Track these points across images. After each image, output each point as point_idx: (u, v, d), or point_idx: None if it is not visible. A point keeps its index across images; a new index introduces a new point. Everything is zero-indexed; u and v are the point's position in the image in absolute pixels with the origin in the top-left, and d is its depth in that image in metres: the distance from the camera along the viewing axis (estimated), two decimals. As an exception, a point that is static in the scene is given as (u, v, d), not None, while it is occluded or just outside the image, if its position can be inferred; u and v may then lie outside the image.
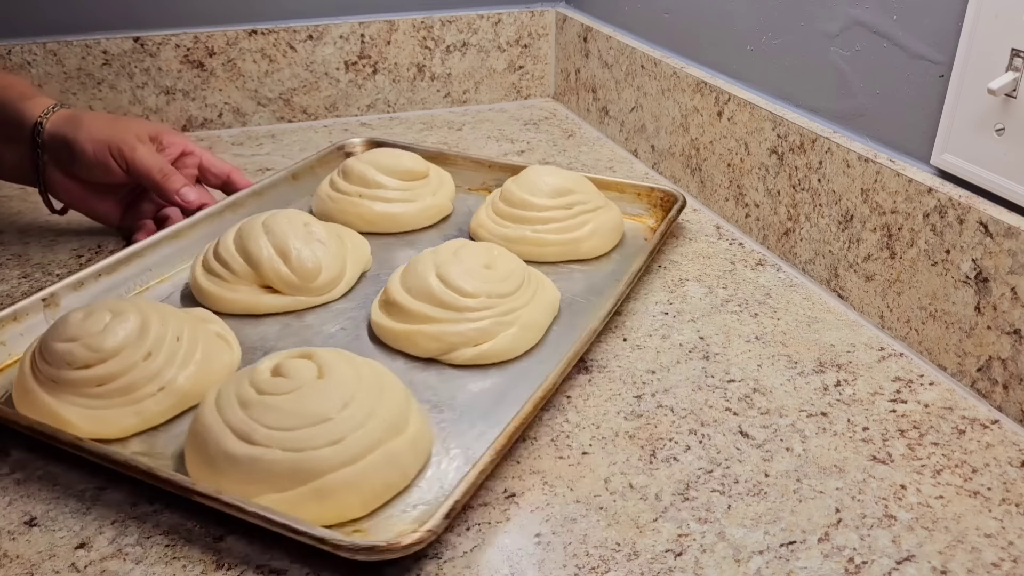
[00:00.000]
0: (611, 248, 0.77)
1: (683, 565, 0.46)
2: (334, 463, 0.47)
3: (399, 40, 1.12)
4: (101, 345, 0.55)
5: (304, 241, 0.68)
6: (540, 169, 0.78)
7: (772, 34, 0.79)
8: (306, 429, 0.48)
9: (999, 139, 0.58)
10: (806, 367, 0.62)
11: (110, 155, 0.71)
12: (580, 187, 0.77)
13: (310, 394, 0.49)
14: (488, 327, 0.61)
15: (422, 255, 0.66)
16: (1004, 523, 0.49)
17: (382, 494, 0.49)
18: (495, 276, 0.64)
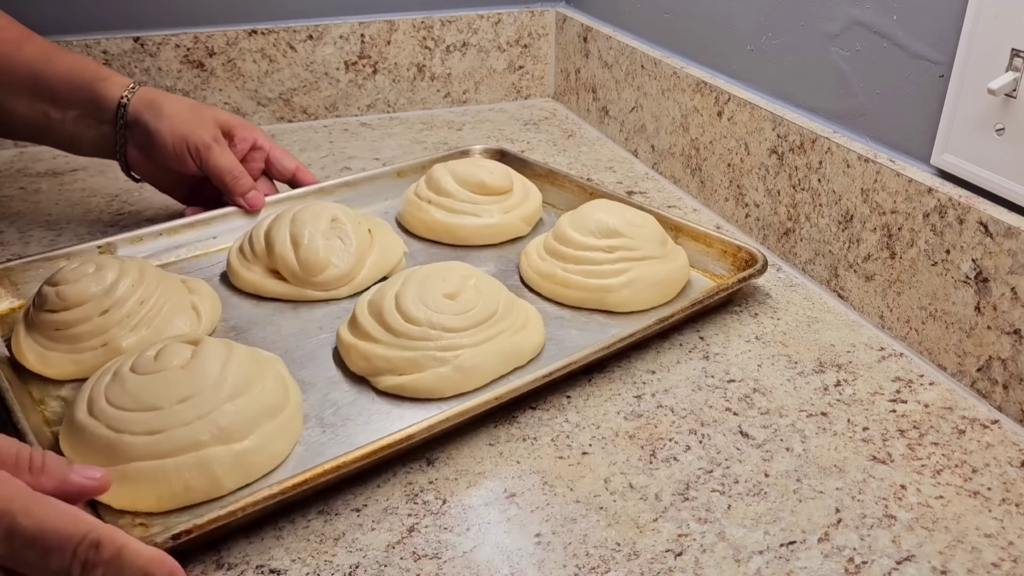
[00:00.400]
0: (651, 306, 0.67)
1: (683, 565, 0.46)
2: (142, 452, 0.48)
3: (399, 40, 1.12)
4: (67, 294, 0.60)
5: (322, 235, 0.68)
6: (602, 204, 0.72)
7: (772, 34, 0.79)
8: (134, 413, 0.49)
9: (999, 139, 0.58)
10: (806, 367, 0.62)
11: (187, 152, 0.75)
12: (635, 231, 0.68)
13: (159, 381, 0.51)
14: (417, 359, 0.57)
15: (409, 271, 0.63)
16: (1004, 523, 0.49)
17: (182, 496, 0.48)
18: (452, 308, 0.59)
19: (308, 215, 0.70)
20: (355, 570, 0.46)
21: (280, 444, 0.52)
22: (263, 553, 0.47)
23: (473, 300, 0.60)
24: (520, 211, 0.79)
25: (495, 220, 0.77)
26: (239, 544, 0.47)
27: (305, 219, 0.69)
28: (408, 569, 0.46)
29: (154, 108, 0.74)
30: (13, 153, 1.01)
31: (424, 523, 0.49)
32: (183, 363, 0.52)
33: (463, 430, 0.55)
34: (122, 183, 0.92)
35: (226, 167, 0.76)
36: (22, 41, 0.75)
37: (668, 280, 0.68)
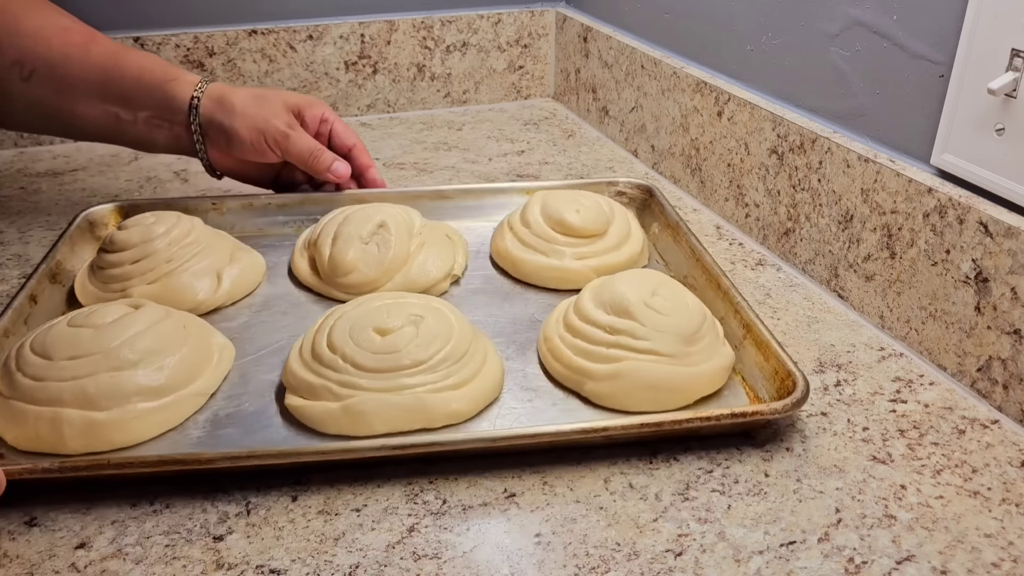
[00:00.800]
0: (640, 409, 0.55)
1: (683, 565, 0.46)
2: (21, 393, 0.53)
3: (399, 40, 1.12)
4: (118, 238, 0.68)
5: (360, 239, 0.68)
6: (645, 275, 0.62)
7: (772, 34, 0.79)
8: (35, 357, 0.54)
9: (999, 139, 0.58)
10: (806, 367, 0.62)
11: (265, 143, 0.76)
12: (654, 317, 0.57)
13: (71, 335, 0.55)
14: (316, 387, 0.54)
15: (376, 296, 0.62)
16: (1004, 523, 0.49)
17: (34, 442, 0.52)
18: (374, 344, 0.55)
19: (360, 216, 0.70)
20: (355, 570, 0.46)
21: (142, 425, 0.53)
22: (263, 553, 0.47)
23: (402, 343, 0.55)
24: (598, 260, 0.70)
25: (560, 264, 0.70)
26: (239, 544, 0.47)
27: (355, 220, 0.70)
28: (408, 569, 0.46)
29: (224, 106, 0.75)
30: (13, 153, 1.01)
31: (424, 523, 0.49)
32: (105, 323, 0.55)
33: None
34: (122, 183, 0.92)
35: (306, 149, 0.77)
36: (89, 43, 0.75)
37: (672, 386, 0.55)
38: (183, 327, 0.58)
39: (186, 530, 0.48)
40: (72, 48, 0.74)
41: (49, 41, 0.74)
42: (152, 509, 0.50)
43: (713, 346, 0.58)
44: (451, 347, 0.56)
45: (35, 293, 0.65)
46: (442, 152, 1.02)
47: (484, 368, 0.57)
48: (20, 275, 0.74)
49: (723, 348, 0.59)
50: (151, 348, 0.55)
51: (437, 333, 0.56)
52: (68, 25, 0.76)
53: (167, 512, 0.49)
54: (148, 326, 0.56)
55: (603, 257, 0.71)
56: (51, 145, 1.02)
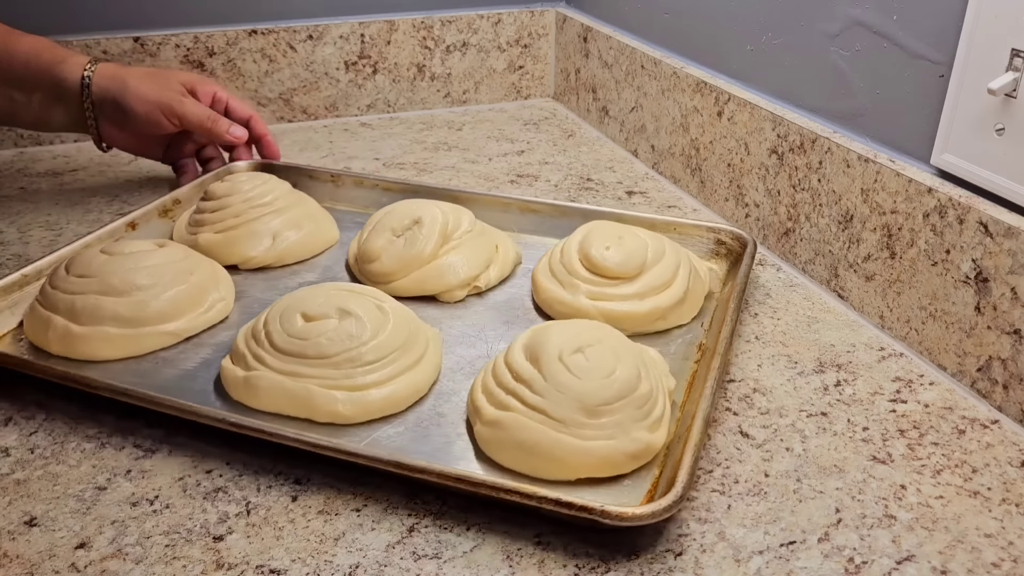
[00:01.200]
0: (512, 467, 0.51)
1: (683, 565, 0.46)
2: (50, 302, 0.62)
3: (399, 40, 1.12)
4: (213, 188, 0.76)
5: (393, 231, 0.70)
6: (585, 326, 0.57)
7: (772, 34, 0.79)
8: (69, 275, 0.63)
9: (999, 139, 0.58)
10: (806, 367, 0.62)
11: (161, 114, 0.79)
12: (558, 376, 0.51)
13: (98, 259, 0.64)
14: (240, 353, 0.57)
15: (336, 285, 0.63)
16: (1004, 523, 0.49)
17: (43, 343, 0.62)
18: (294, 327, 0.57)
19: (402, 210, 0.72)
20: (355, 570, 0.46)
21: (108, 346, 0.61)
22: (263, 553, 0.47)
23: (315, 333, 0.56)
24: (612, 305, 0.64)
25: (570, 299, 0.65)
26: (239, 544, 0.47)
27: (397, 212, 0.72)
28: (408, 569, 0.46)
29: (117, 81, 0.78)
30: (13, 153, 1.00)
31: (424, 523, 0.49)
32: (123, 254, 0.64)
33: (463, 430, 0.55)
34: (122, 182, 0.92)
35: (204, 114, 0.81)
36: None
37: (548, 454, 0.50)
38: (189, 272, 0.65)
39: (186, 530, 0.48)
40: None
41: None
42: (152, 509, 0.50)
43: (623, 426, 0.50)
44: (364, 349, 0.56)
45: (136, 221, 0.76)
46: (442, 152, 1.02)
47: (396, 380, 0.56)
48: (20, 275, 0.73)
49: (639, 432, 0.51)
50: (140, 284, 0.62)
51: (356, 333, 0.56)
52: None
53: (167, 512, 0.49)
54: (153, 264, 0.63)
55: (619, 303, 0.64)
56: (51, 145, 1.02)
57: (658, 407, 0.53)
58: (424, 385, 0.58)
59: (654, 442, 0.51)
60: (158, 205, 0.78)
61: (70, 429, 0.56)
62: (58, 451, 0.54)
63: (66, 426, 0.56)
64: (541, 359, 0.52)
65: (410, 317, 0.61)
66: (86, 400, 0.57)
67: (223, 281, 0.68)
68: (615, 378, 0.52)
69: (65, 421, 0.57)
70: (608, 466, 0.50)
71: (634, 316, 0.64)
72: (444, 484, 0.48)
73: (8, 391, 0.59)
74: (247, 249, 0.73)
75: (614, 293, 0.64)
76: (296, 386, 0.55)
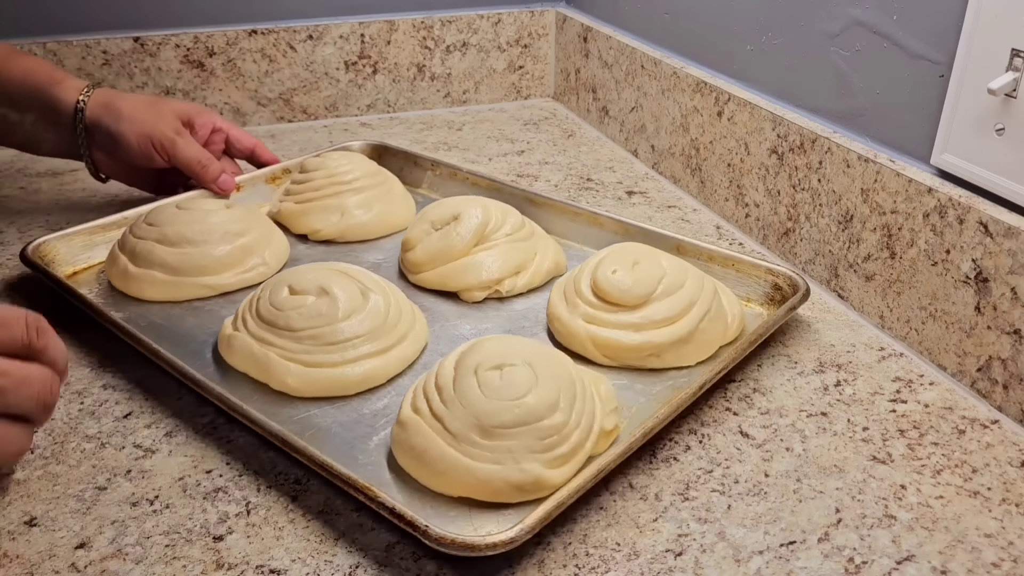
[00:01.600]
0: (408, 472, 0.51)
1: (683, 565, 0.46)
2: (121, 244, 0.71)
3: (399, 40, 1.12)
4: (307, 162, 0.82)
5: (433, 224, 0.71)
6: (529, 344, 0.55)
7: (772, 34, 0.79)
8: (140, 222, 0.72)
9: (999, 139, 0.58)
10: (806, 367, 0.62)
11: (153, 148, 0.78)
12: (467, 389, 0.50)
13: (169, 211, 0.72)
14: (237, 314, 0.62)
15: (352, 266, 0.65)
16: (1004, 523, 0.49)
17: (112, 278, 0.71)
18: (280, 299, 0.60)
19: (447, 205, 0.72)
20: (355, 570, 0.46)
21: (155, 290, 0.68)
22: (263, 553, 0.47)
23: (291, 306, 0.59)
24: (602, 331, 0.60)
25: (565, 317, 0.62)
26: (239, 544, 0.47)
27: (442, 206, 0.72)
28: (408, 569, 0.46)
29: (112, 110, 0.77)
30: (13, 153, 1.00)
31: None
32: (190, 210, 0.72)
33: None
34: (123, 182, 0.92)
35: (194, 157, 0.79)
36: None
37: (433, 465, 0.49)
38: (239, 235, 0.71)
39: (186, 530, 0.48)
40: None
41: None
42: (152, 509, 0.50)
43: (515, 454, 0.48)
44: (327, 329, 0.58)
45: (242, 184, 0.82)
46: (442, 152, 1.02)
47: (352, 365, 0.58)
48: (20, 275, 0.74)
49: (531, 464, 0.48)
50: (189, 238, 0.69)
51: (325, 312, 0.58)
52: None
53: (167, 512, 0.49)
54: (209, 222, 0.70)
55: (610, 330, 0.60)
56: (51, 145, 1.02)
57: (568, 443, 0.49)
58: (380, 376, 0.59)
59: (548, 478, 0.48)
60: (266, 172, 0.85)
61: (70, 429, 0.56)
62: (58, 451, 0.54)
63: (66, 426, 0.56)
64: (459, 369, 0.51)
65: (400, 309, 0.62)
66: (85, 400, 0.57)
67: (275, 247, 0.73)
68: (521, 403, 0.49)
69: (65, 421, 0.57)
70: (488, 491, 0.48)
71: (623, 347, 0.59)
72: (310, 466, 0.49)
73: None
74: (315, 222, 0.78)
75: (609, 319, 0.60)
76: (259, 352, 0.58)
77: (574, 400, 0.51)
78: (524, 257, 0.70)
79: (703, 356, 0.61)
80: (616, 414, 0.54)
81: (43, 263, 0.69)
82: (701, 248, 0.70)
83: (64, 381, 0.50)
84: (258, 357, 0.58)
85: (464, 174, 0.86)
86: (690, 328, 0.60)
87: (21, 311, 0.48)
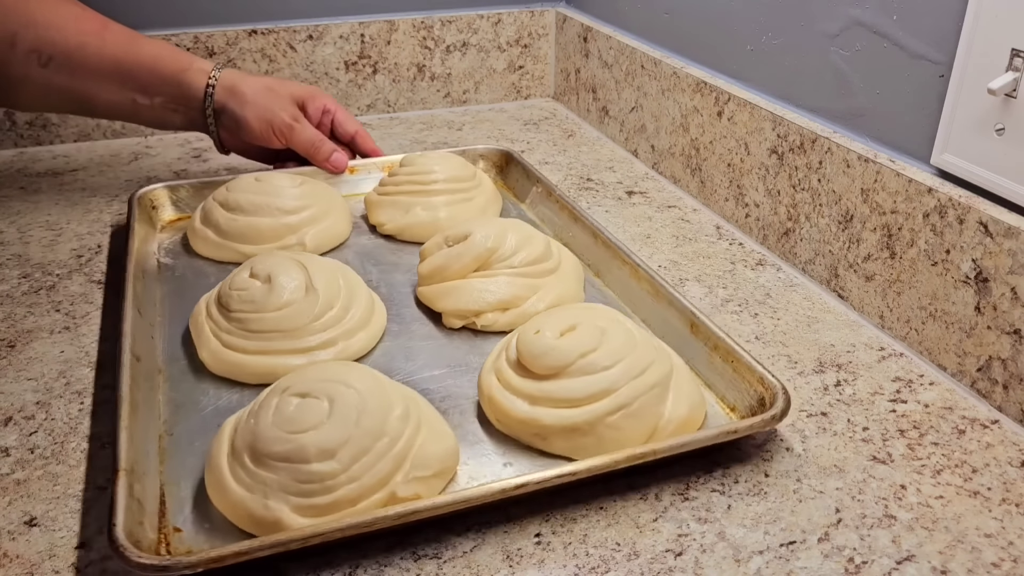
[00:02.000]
0: None
1: (683, 565, 0.46)
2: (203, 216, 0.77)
3: (399, 40, 1.12)
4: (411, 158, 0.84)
5: (447, 239, 0.69)
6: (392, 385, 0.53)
7: (772, 34, 0.79)
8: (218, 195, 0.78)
9: (999, 139, 0.58)
10: (806, 367, 0.62)
11: (272, 133, 0.84)
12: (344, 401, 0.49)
13: (249, 184, 0.78)
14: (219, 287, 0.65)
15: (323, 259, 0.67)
16: (1004, 523, 0.49)
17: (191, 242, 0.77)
18: (236, 281, 0.63)
19: (470, 223, 0.69)
20: (355, 570, 0.46)
21: (205, 246, 0.76)
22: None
23: (240, 286, 0.62)
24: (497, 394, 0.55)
25: (484, 368, 0.58)
26: (239, 544, 0.47)
27: (465, 223, 0.70)
28: (408, 569, 0.46)
29: (236, 95, 0.82)
30: (13, 153, 1.00)
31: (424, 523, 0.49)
32: (269, 183, 0.78)
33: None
34: (123, 183, 0.92)
35: (308, 141, 0.85)
36: (103, 31, 0.79)
37: (210, 471, 0.49)
38: (289, 212, 0.75)
39: (186, 530, 0.48)
40: (87, 36, 0.78)
41: (64, 29, 0.77)
42: (152, 509, 0.50)
43: (268, 488, 0.46)
44: (249, 316, 0.60)
45: (356, 167, 0.88)
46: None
47: (254, 355, 0.59)
48: (20, 275, 0.74)
49: (279, 504, 0.46)
50: (242, 206, 0.75)
51: (257, 300, 0.60)
52: (79, 13, 0.79)
53: (167, 512, 0.49)
54: (267, 196, 0.75)
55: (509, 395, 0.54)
56: (51, 145, 1.02)
57: (331, 496, 0.46)
58: (270, 374, 0.57)
59: (289, 523, 0.45)
60: (383, 161, 0.89)
61: (70, 429, 0.56)
62: (58, 451, 0.54)
63: (66, 426, 0.56)
64: (273, 387, 0.51)
65: (348, 316, 0.62)
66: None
67: (325, 230, 0.77)
68: (294, 439, 0.47)
69: (65, 421, 0.57)
70: (234, 515, 0.47)
71: (512, 417, 0.53)
72: None
73: (4, 391, 0.59)
74: (382, 215, 0.80)
75: (512, 382, 0.54)
76: (198, 322, 0.62)
77: (365, 454, 0.47)
78: (519, 293, 0.65)
79: (605, 455, 0.49)
80: (426, 483, 0.48)
81: (151, 206, 0.81)
82: (712, 332, 0.59)
83: None
84: (199, 326, 0.62)
85: (556, 196, 0.81)
86: (590, 418, 0.51)
87: None
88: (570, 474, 0.48)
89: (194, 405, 0.57)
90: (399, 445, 0.48)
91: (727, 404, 0.57)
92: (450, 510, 0.46)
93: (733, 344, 0.58)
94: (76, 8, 0.79)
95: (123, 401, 0.52)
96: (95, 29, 0.79)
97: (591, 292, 0.71)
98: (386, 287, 0.72)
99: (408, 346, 0.64)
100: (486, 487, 0.47)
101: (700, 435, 0.51)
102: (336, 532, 0.44)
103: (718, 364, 0.58)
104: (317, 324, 0.60)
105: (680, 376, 0.55)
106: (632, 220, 0.85)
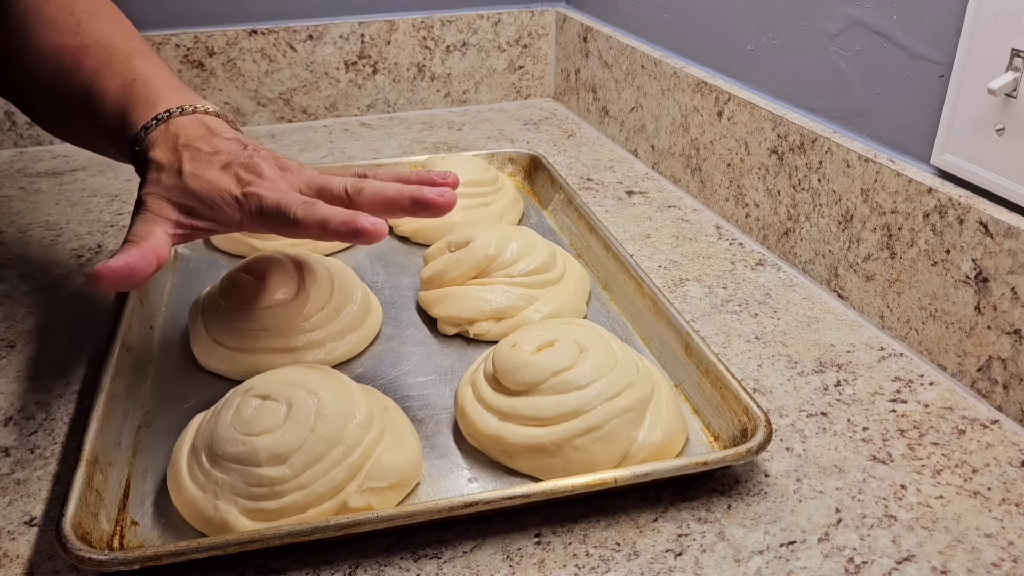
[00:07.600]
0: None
1: (683, 565, 0.46)
2: None
3: (399, 40, 1.12)
4: (426, 163, 0.85)
5: (449, 244, 0.68)
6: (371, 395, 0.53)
7: (772, 34, 0.79)
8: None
9: (999, 139, 0.58)
10: (806, 367, 0.62)
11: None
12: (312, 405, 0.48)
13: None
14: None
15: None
16: (1004, 523, 0.49)
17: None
18: (232, 275, 0.64)
19: (473, 228, 0.69)
20: (355, 570, 0.46)
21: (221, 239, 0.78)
22: (263, 552, 0.47)
23: (234, 282, 0.62)
24: (468, 407, 0.54)
25: (463, 379, 0.57)
26: (239, 544, 0.47)
27: (469, 229, 0.69)
28: (408, 569, 0.46)
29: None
30: (13, 153, 1.01)
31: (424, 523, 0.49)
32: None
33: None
34: (122, 183, 0.92)
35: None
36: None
37: (171, 469, 0.50)
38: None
39: (186, 530, 0.48)
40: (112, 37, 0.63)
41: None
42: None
43: (219, 488, 0.46)
44: (242, 313, 0.60)
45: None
46: (442, 152, 1.02)
47: (224, 351, 0.60)
48: (19, 275, 0.74)
49: (228, 506, 0.46)
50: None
51: (249, 297, 0.61)
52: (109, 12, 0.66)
53: (167, 512, 0.49)
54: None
55: (480, 409, 0.53)
56: (51, 145, 1.03)
57: (279, 501, 0.46)
58: (255, 371, 0.55)
59: (236, 525, 0.45)
60: (408, 160, 0.90)
61: (70, 429, 0.56)
62: (58, 451, 0.54)
63: (66, 426, 0.56)
64: (238, 387, 0.51)
65: (338, 320, 0.62)
66: (86, 400, 0.57)
67: None
68: (248, 441, 0.46)
69: (65, 421, 0.57)
70: (187, 512, 0.47)
71: (480, 432, 0.52)
72: None
73: (4, 391, 0.59)
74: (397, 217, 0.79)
75: (485, 395, 0.53)
76: (194, 315, 0.63)
77: (318, 461, 0.46)
78: (515, 304, 0.63)
79: (563, 480, 0.47)
80: (380, 494, 0.47)
81: None
82: (704, 356, 0.57)
83: None
84: (194, 319, 0.63)
85: (576, 205, 0.80)
86: (556, 439, 0.50)
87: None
88: (523, 496, 0.46)
89: (178, 398, 0.58)
90: (356, 454, 0.47)
91: (711, 432, 0.55)
92: (389, 525, 0.45)
93: (723, 370, 0.55)
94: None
95: (101, 391, 0.52)
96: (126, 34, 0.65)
97: (595, 306, 0.69)
98: (390, 290, 0.71)
99: (398, 351, 0.63)
100: (433, 503, 0.45)
101: (668, 464, 0.48)
102: (275, 539, 0.43)
103: (707, 389, 0.56)
104: (306, 324, 0.60)
105: (661, 400, 0.52)
106: (632, 220, 0.85)
